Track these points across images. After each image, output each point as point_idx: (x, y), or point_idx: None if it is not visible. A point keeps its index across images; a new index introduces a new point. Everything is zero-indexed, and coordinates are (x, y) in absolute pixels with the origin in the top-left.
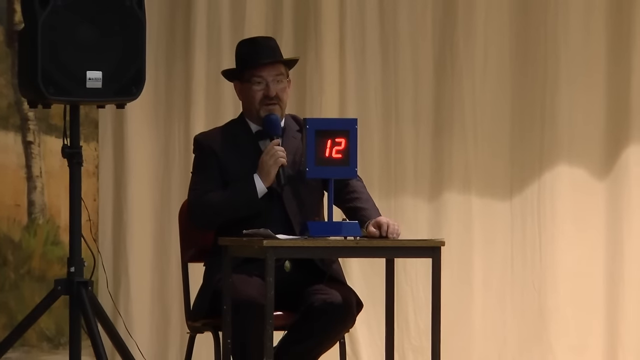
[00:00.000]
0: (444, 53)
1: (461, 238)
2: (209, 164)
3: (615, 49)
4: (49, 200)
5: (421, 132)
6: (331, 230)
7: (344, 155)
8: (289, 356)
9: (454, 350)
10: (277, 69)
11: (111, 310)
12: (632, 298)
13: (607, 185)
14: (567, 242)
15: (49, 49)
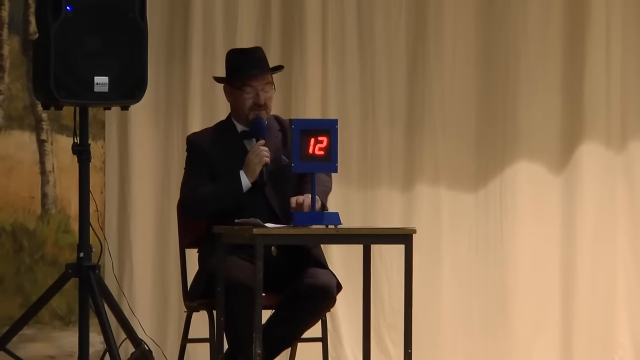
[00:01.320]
0: (415, 59)
1: (431, 226)
2: (199, 162)
3: (569, 53)
4: (61, 192)
5: (395, 130)
6: (314, 219)
7: (325, 152)
8: (277, 333)
9: (425, 327)
10: (265, 79)
11: (116, 292)
12: (584, 280)
13: (562, 180)
14: (526, 230)
15: (60, 57)
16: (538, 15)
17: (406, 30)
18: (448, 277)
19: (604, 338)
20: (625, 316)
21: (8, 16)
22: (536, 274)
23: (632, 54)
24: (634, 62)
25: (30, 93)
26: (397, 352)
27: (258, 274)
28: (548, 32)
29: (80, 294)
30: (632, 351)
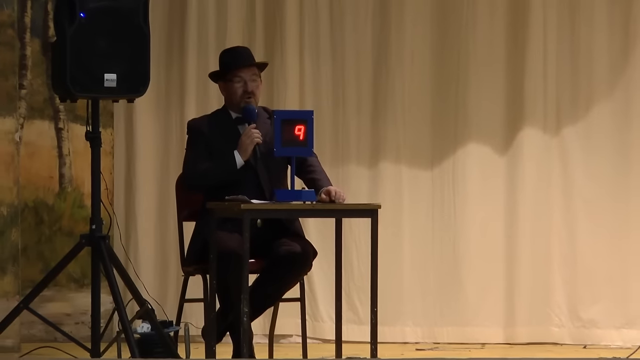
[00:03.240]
0: (379, 57)
1: (393, 200)
2: (198, 143)
3: (512, 50)
4: (75, 173)
5: (362, 118)
6: (293, 196)
7: (303, 138)
8: (261, 294)
9: (388, 288)
10: (252, 71)
11: (123, 258)
12: (524, 248)
13: (505, 160)
14: (475, 204)
15: (75, 57)
16: (485, 18)
17: (372, 32)
18: (408, 245)
19: (542, 298)
20: (560, 279)
21: (30, 22)
22: (484, 242)
23: (566, 51)
24: (567, 59)
25: (49, 88)
26: (364, 310)
27: (245, 243)
28: (493, 32)
29: (93, 261)
30: (567, 310)
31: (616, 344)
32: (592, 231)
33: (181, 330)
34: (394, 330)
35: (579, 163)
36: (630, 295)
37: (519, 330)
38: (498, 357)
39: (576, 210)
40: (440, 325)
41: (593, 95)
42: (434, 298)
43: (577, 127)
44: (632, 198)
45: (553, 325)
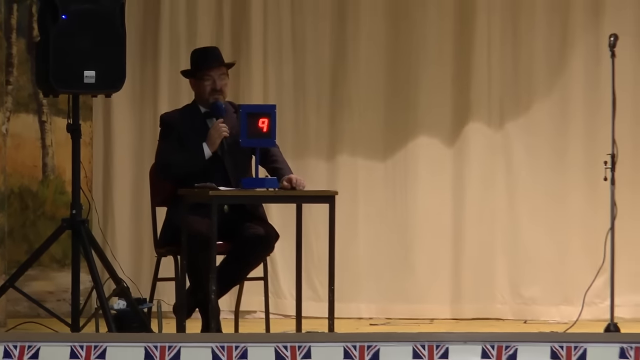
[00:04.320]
0: (337, 57)
1: (350, 189)
2: (170, 135)
3: (459, 49)
4: (57, 162)
5: (321, 113)
6: (257, 184)
7: (267, 130)
8: (228, 273)
9: (344, 268)
10: (221, 70)
11: (101, 241)
12: (470, 233)
13: (453, 152)
14: (425, 192)
15: (57, 55)
16: (434, 22)
17: (330, 34)
18: (363, 229)
19: (486, 278)
20: (503, 261)
21: (16, 23)
22: (432, 227)
23: (508, 54)
24: (510, 61)
25: (34, 84)
26: (322, 289)
27: (213, 227)
28: (441, 36)
29: (73, 243)
30: (509, 288)
31: (554, 319)
32: (532, 217)
33: (154, 306)
34: (349, 307)
35: (520, 155)
36: (567, 275)
37: (464, 306)
38: (445, 332)
39: (517, 197)
40: (392, 302)
41: (533, 93)
42: (386, 277)
43: (518, 122)
44: (568, 186)
45: (496, 302)
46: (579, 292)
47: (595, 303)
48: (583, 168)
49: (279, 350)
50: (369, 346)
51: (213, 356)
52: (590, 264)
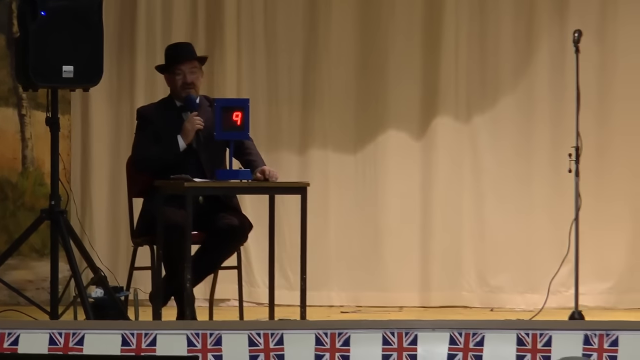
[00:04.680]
0: (308, 52)
1: (321, 181)
2: (146, 128)
3: (428, 45)
4: (37, 154)
5: (293, 107)
6: (231, 175)
7: (241, 123)
8: (203, 262)
9: (316, 257)
10: (192, 64)
11: (79, 231)
12: (438, 222)
13: (421, 145)
14: (394, 183)
15: (36, 51)
16: (403, 18)
17: (302, 30)
18: (334, 220)
19: (454, 267)
20: (470, 250)
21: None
22: (401, 217)
23: (475, 49)
24: (477, 55)
25: (13, 78)
26: (295, 277)
27: (188, 217)
28: (410, 31)
29: (52, 233)
30: (476, 276)
31: (520, 307)
32: (498, 207)
33: (131, 295)
34: (321, 295)
35: (487, 148)
36: (533, 264)
37: (433, 294)
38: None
39: (484, 189)
40: (362, 290)
41: (499, 88)
42: (357, 266)
43: (485, 116)
44: (534, 178)
45: (464, 291)
46: (545, 280)
47: (560, 291)
48: (548, 160)
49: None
50: (340, 333)
51: (188, 343)
52: (555, 253)
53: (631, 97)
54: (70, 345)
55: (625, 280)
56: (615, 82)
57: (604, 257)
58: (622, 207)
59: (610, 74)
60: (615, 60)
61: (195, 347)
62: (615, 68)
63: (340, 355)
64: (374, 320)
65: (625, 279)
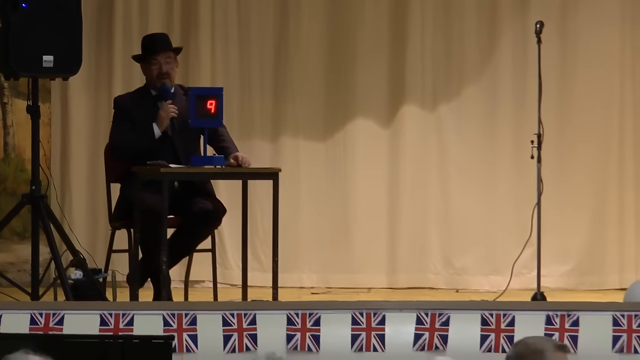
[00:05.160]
0: (280, 43)
1: (292, 167)
2: (123, 117)
3: (395, 36)
4: (18, 141)
5: (265, 96)
6: (206, 161)
7: (215, 111)
8: (178, 245)
9: (287, 241)
10: (167, 55)
11: (59, 215)
12: (405, 207)
13: (389, 133)
14: (362, 169)
15: (18, 41)
16: (371, 8)
17: (273, 21)
18: (305, 204)
19: (420, 249)
20: (436, 233)
21: None
22: (370, 203)
23: (440, 40)
24: (442, 45)
25: None
26: (267, 260)
27: (164, 202)
28: (378, 22)
29: (33, 217)
30: (441, 259)
31: (484, 288)
32: (463, 193)
33: (109, 276)
34: (292, 277)
35: (452, 135)
36: (497, 246)
37: (400, 276)
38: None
39: (449, 175)
40: (332, 272)
41: (464, 77)
42: (327, 249)
43: (450, 104)
44: (498, 164)
45: (429, 272)
46: (508, 263)
47: (523, 273)
48: (511, 147)
49: (226, 318)
50: (311, 314)
51: (164, 323)
52: (518, 236)
53: (590, 87)
54: (51, 325)
55: (586, 263)
56: (575, 71)
57: (565, 240)
58: (583, 192)
59: (570, 62)
60: (576, 50)
61: (171, 326)
62: (576, 57)
63: (311, 335)
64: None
65: (585, 261)
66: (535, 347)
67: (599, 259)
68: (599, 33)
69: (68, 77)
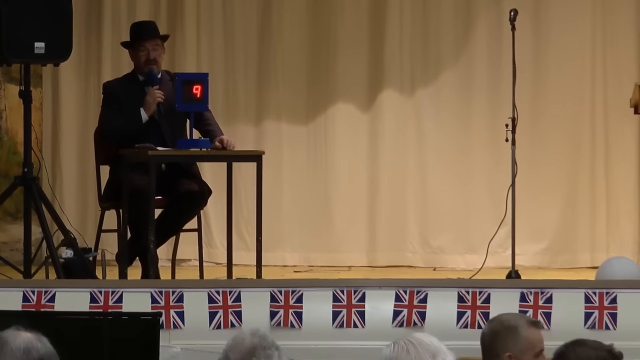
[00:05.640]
0: (263, 30)
1: (275, 150)
2: (112, 102)
3: (374, 23)
4: (11, 125)
5: (249, 81)
6: (192, 144)
7: (200, 96)
8: (165, 225)
9: (270, 221)
10: (155, 42)
11: (50, 196)
12: (384, 188)
13: (368, 117)
14: (343, 152)
15: (10, 29)
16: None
17: (257, 9)
18: (287, 186)
19: (398, 229)
20: (414, 214)
21: None
22: (350, 184)
23: (418, 27)
24: (419, 33)
25: None
26: (251, 239)
27: (152, 183)
28: (358, 9)
29: (25, 198)
30: (419, 238)
31: (460, 267)
32: (440, 174)
33: (99, 255)
34: (275, 256)
35: (430, 119)
36: (472, 227)
37: (379, 255)
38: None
39: (427, 157)
40: (314, 251)
41: (440, 63)
42: (309, 229)
43: (428, 90)
44: (474, 147)
45: (408, 251)
46: (483, 242)
47: (498, 252)
48: (487, 130)
49: (211, 295)
50: (293, 291)
51: (152, 300)
52: (493, 216)
53: (563, 72)
54: (43, 302)
55: (558, 242)
56: (548, 57)
57: (539, 220)
58: (556, 174)
59: (543, 49)
60: (548, 37)
61: (159, 303)
62: (548, 44)
63: (294, 312)
64: (325, 279)
65: (558, 240)
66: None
67: (571, 238)
68: (570, 28)
69: (59, 63)
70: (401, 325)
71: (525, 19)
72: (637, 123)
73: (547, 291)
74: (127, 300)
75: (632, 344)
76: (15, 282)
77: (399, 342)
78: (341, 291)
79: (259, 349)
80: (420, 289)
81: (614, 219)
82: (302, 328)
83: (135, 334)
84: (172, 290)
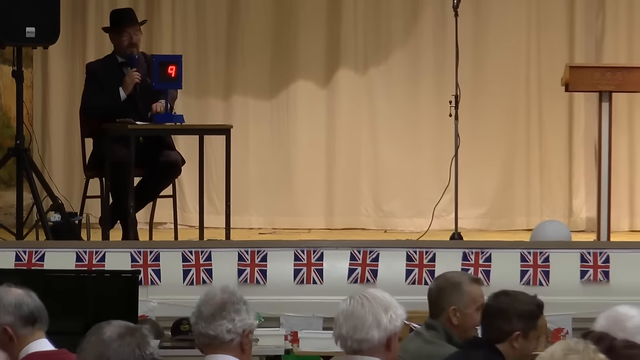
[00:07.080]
0: (232, 12)
1: (242, 123)
2: (93, 81)
3: (332, 8)
4: (5, 102)
5: (219, 60)
6: (167, 119)
7: (175, 75)
8: (143, 192)
9: (238, 187)
10: (135, 28)
11: (40, 165)
12: (340, 157)
13: (326, 93)
14: (303, 125)
15: (3, 14)
16: None
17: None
18: (253, 156)
19: (353, 195)
20: (367, 180)
21: None
22: (310, 154)
23: (371, 13)
24: (372, 17)
25: None
26: (220, 204)
27: (131, 154)
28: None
29: (17, 167)
30: (372, 203)
31: (409, 229)
32: (391, 144)
33: (83, 219)
34: (242, 219)
35: (381, 95)
36: (420, 193)
37: (336, 218)
38: (320, 239)
39: (379, 130)
40: (277, 215)
41: (391, 45)
42: (272, 195)
43: (379, 68)
44: (421, 121)
45: (362, 215)
46: (429, 207)
47: (443, 216)
48: (433, 105)
49: (185, 255)
50: (259, 251)
51: (132, 259)
52: (438, 183)
53: (501, 53)
54: (33, 262)
55: (497, 207)
56: (487, 39)
57: (479, 187)
58: (495, 145)
59: (483, 32)
60: (488, 20)
61: (138, 262)
62: (488, 27)
63: (259, 270)
64: (287, 240)
65: (497, 205)
66: (453, 280)
67: (508, 203)
68: (508, 11)
69: (48, 46)
70: (355, 282)
71: (467, 3)
72: (567, 99)
73: (486, 251)
74: (109, 259)
75: (563, 299)
76: (8, 243)
77: (355, 296)
78: (302, 251)
79: (228, 304)
80: (373, 249)
81: (547, 186)
82: (267, 284)
83: (117, 290)
84: (149, 250)
